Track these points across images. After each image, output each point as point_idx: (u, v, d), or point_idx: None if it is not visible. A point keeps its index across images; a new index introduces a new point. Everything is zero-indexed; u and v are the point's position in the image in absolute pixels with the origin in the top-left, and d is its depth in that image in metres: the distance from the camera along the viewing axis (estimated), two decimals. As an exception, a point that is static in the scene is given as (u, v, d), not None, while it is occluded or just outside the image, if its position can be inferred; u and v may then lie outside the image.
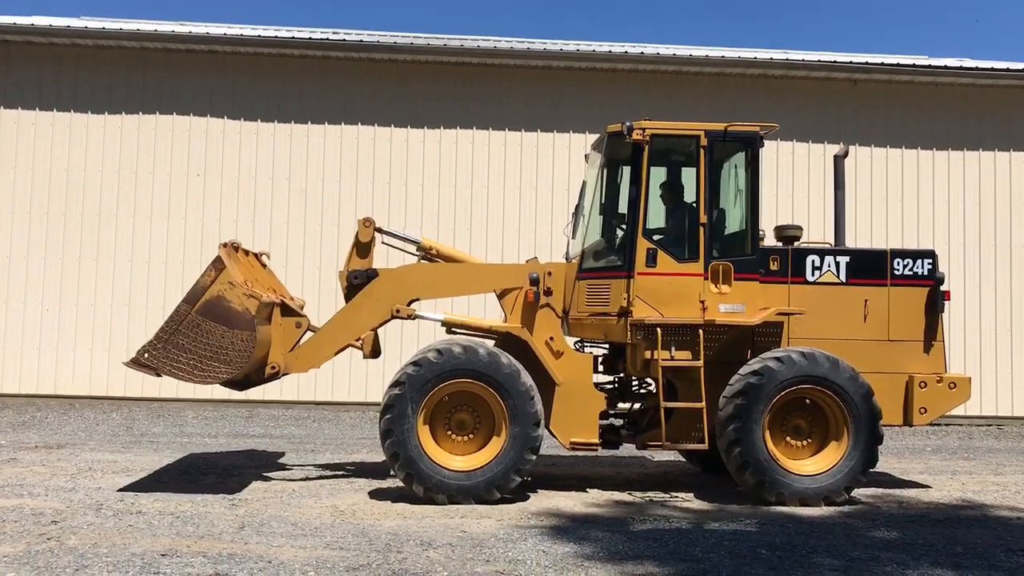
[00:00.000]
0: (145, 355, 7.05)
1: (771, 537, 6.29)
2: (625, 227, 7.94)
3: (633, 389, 8.58)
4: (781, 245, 8.19)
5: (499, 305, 8.19)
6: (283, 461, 9.29)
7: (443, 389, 7.28)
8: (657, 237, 7.91)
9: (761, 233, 8.03)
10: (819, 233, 11.96)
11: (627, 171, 8.06)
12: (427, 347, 7.53)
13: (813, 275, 7.93)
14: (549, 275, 7.98)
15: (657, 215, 8.22)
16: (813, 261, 7.95)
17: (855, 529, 6.64)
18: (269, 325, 7.45)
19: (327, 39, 14.52)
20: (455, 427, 7.45)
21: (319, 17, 47.98)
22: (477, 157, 14.44)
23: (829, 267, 7.95)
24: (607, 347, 8.44)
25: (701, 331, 7.63)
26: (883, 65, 14.65)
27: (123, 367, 13.57)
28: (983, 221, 14.71)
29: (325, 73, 14.39)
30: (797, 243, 8.24)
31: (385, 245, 8.47)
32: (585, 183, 8.68)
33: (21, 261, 13.94)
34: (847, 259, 7.99)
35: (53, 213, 14.01)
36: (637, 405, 8.55)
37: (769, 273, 7.87)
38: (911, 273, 8.01)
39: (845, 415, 7.41)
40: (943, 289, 8.03)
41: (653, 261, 7.68)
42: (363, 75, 14.43)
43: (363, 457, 9.69)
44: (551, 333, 7.88)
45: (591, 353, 8.24)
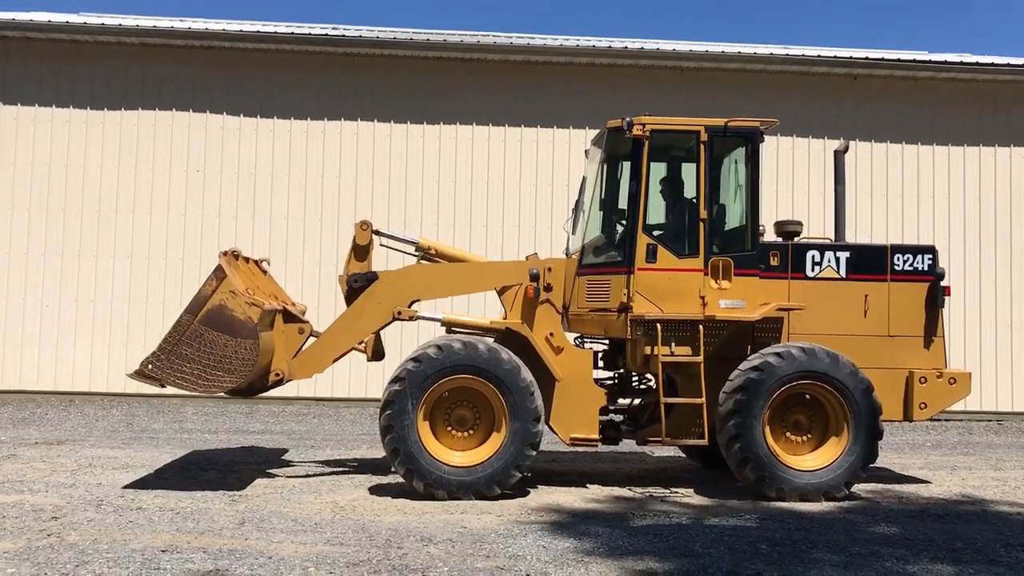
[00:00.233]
0: (149, 366, 7.07)
1: (771, 532, 6.30)
2: (625, 223, 7.94)
3: (633, 385, 8.58)
4: (781, 240, 8.18)
5: (499, 301, 8.19)
6: (283, 457, 9.29)
7: (443, 385, 7.28)
8: (657, 233, 7.90)
9: (761, 228, 8.03)
10: (819, 228, 11.95)
11: (627, 167, 8.04)
12: (427, 343, 7.53)
13: (813, 270, 7.93)
14: (549, 271, 7.98)
15: (657, 211, 8.21)
16: (813, 256, 7.95)
17: (855, 524, 6.65)
18: (272, 332, 7.45)
19: (327, 35, 14.50)
20: (455, 423, 7.45)
21: (319, 13, 47.96)
22: (477, 153, 14.43)
23: (829, 262, 7.94)
24: (607, 343, 8.44)
25: (701, 327, 7.63)
26: (883, 60, 14.63)
27: (123, 362, 13.74)
28: (983, 217, 14.71)
29: (325, 69, 14.37)
30: (797, 238, 8.23)
31: (384, 247, 8.48)
32: (585, 179, 8.67)
33: (21, 257, 13.93)
34: (847, 254, 7.99)
35: (52, 209, 14.01)
36: (637, 401, 8.55)
37: (769, 269, 7.86)
38: (911, 268, 8.00)
39: (845, 410, 7.41)
40: (943, 284, 8.03)
41: (653, 257, 7.67)
42: (364, 71, 14.41)
43: (363, 453, 9.69)
44: (551, 329, 7.88)
45: (591, 349, 8.23)
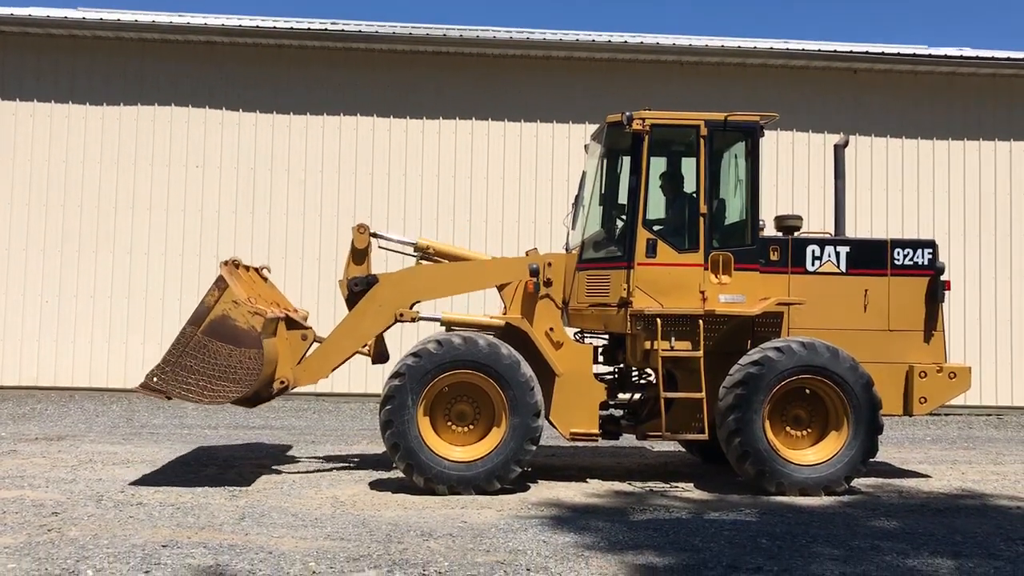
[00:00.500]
0: (154, 379, 7.09)
1: (771, 527, 6.30)
2: (625, 217, 7.93)
3: (633, 379, 8.58)
4: (781, 235, 8.17)
5: (499, 297, 8.19)
6: (284, 453, 9.30)
7: (443, 380, 7.28)
8: (657, 227, 7.90)
9: (761, 223, 8.02)
10: (819, 223, 11.96)
11: (627, 161, 8.03)
12: (427, 338, 7.53)
13: (813, 265, 7.92)
14: (549, 266, 7.97)
15: (657, 205, 8.21)
16: (813, 251, 7.94)
17: (855, 519, 6.65)
18: (275, 340, 7.46)
19: (325, 29, 14.46)
20: (455, 418, 7.45)
21: (318, 7, 47.85)
22: (476, 147, 14.42)
23: (829, 257, 7.94)
24: (607, 338, 8.43)
25: (701, 321, 7.62)
26: (883, 55, 14.60)
27: (123, 358, 13.76)
28: (983, 211, 14.70)
29: (324, 64, 14.35)
30: (797, 233, 8.21)
31: (382, 249, 8.48)
32: (585, 173, 8.66)
33: (20, 252, 13.93)
34: (847, 249, 7.98)
35: (52, 204, 14.00)
36: (637, 395, 8.55)
37: (769, 263, 7.85)
38: (911, 263, 7.99)
39: (845, 405, 7.41)
40: (943, 279, 8.02)
41: (653, 251, 7.66)
42: (362, 65, 14.39)
43: (363, 448, 9.70)
44: (551, 324, 7.87)
45: (591, 344, 8.23)
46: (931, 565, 5.40)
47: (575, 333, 8.41)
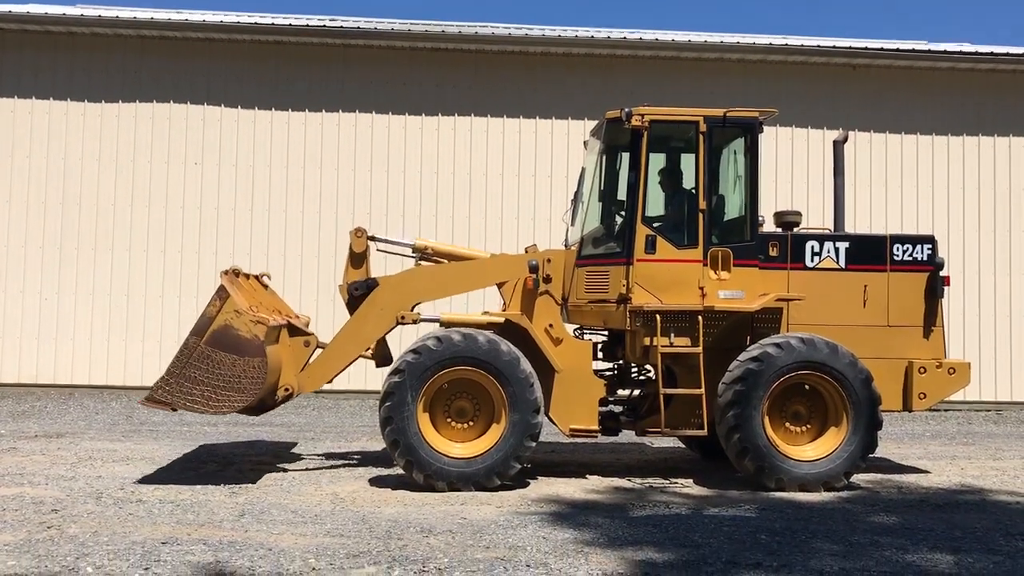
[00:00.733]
0: (159, 391, 7.09)
1: (771, 522, 6.31)
2: (624, 213, 7.92)
3: (632, 376, 8.58)
4: (780, 231, 8.17)
5: (499, 294, 8.19)
6: (283, 449, 9.30)
7: (443, 376, 7.28)
8: (656, 223, 7.89)
9: (760, 219, 8.01)
10: (818, 219, 11.94)
11: (626, 157, 8.03)
12: (427, 335, 7.53)
13: (812, 261, 7.92)
14: (548, 262, 7.96)
15: (656, 201, 8.20)
16: (812, 247, 7.94)
17: (854, 514, 6.66)
18: (278, 347, 7.47)
19: (324, 26, 14.46)
20: (455, 414, 7.45)
21: (317, 5, 47.80)
22: (476, 144, 14.41)
23: (828, 253, 7.93)
24: (606, 334, 8.43)
25: (700, 317, 7.63)
26: (882, 50, 14.60)
27: (123, 355, 13.76)
28: (983, 206, 14.70)
29: (322, 60, 14.34)
30: (796, 229, 8.22)
31: (380, 252, 8.48)
32: (584, 170, 8.66)
33: (19, 250, 13.92)
34: (846, 245, 7.98)
35: (50, 202, 13.99)
36: (636, 392, 8.55)
37: (768, 259, 7.85)
38: (911, 258, 7.99)
39: (844, 401, 7.41)
40: (943, 274, 8.02)
41: (652, 247, 7.66)
42: (361, 62, 14.38)
43: (363, 445, 9.70)
44: (550, 320, 7.87)
45: (590, 340, 8.23)
46: (930, 560, 5.41)
47: (575, 329, 8.40)
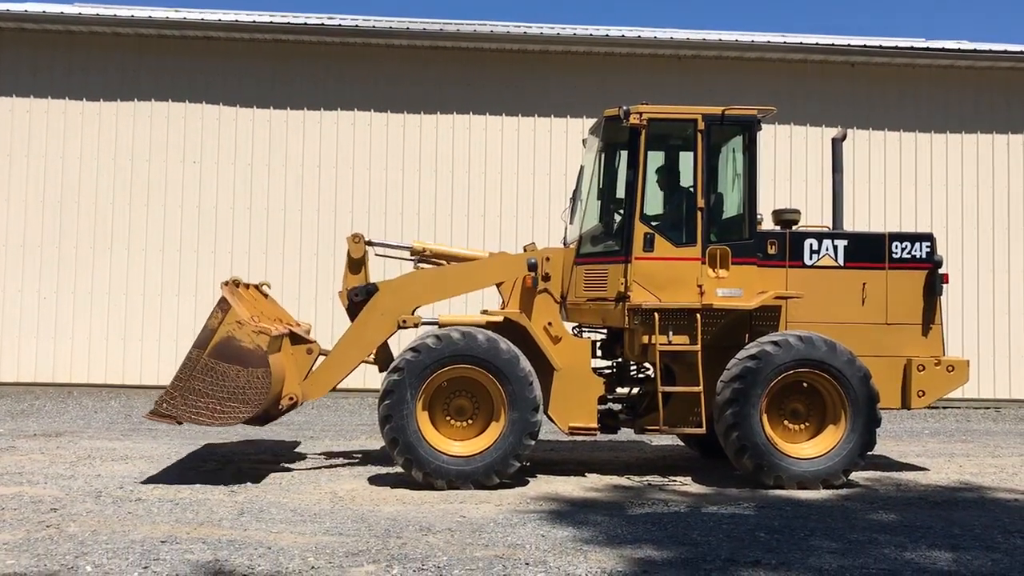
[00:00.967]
0: (164, 405, 7.09)
1: (769, 520, 6.31)
2: (623, 212, 7.92)
3: (631, 374, 8.58)
4: (779, 229, 8.17)
5: (498, 292, 8.19)
6: (282, 448, 9.30)
7: (442, 375, 7.28)
8: (655, 222, 7.89)
9: (759, 217, 8.02)
10: (817, 217, 11.95)
11: (624, 156, 8.03)
12: (426, 333, 7.53)
13: (811, 259, 7.92)
14: (547, 260, 7.97)
15: (655, 199, 8.20)
16: (811, 245, 7.94)
17: (853, 512, 6.66)
18: (281, 356, 7.46)
19: (322, 24, 14.45)
20: (454, 413, 7.45)
21: (317, 3, 47.72)
22: (474, 143, 14.40)
23: (827, 251, 7.94)
24: (605, 332, 8.43)
25: (699, 315, 7.63)
26: (881, 48, 14.59)
27: (121, 354, 13.76)
28: (981, 204, 14.71)
29: (320, 59, 14.33)
30: (795, 227, 8.23)
31: (379, 256, 8.47)
32: (583, 168, 8.65)
33: (17, 249, 13.91)
34: (845, 243, 7.98)
35: (49, 201, 13.98)
36: (635, 390, 8.56)
37: (767, 257, 7.85)
38: (909, 256, 7.99)
39: (843, 398, 7.42)
40: (941, 272, 8.03)
41: (651, 246, 7.66)
42: (359, 61, 14.37)
43: (362, 443, 9.71)
44: (549, 318, 7.87)
45: (589, 338, 8.23)
46: (929, 558, 5.42)
47: (573, 328, 8.41)
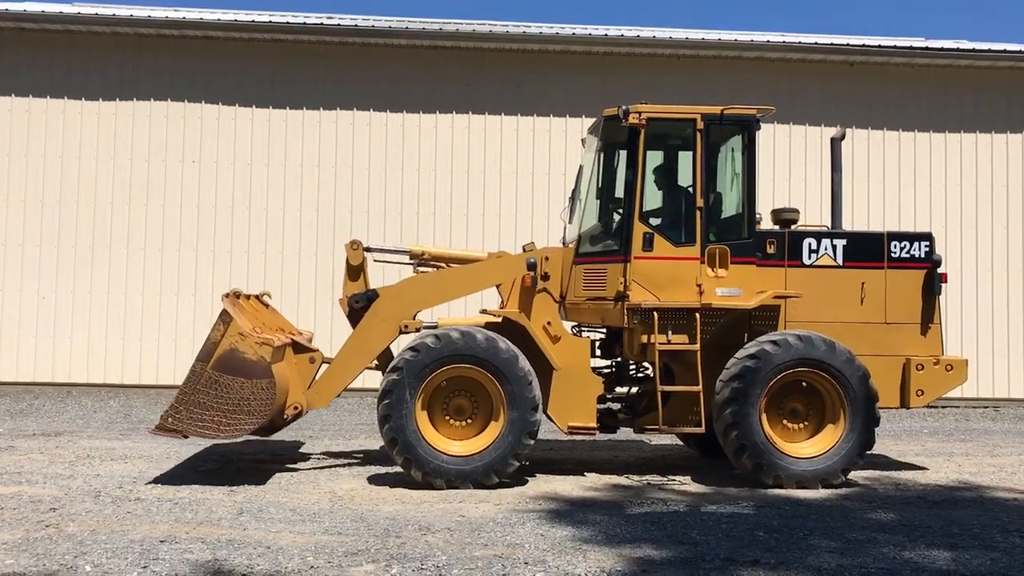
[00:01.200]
0: (169, 420, 7.08)
1: (768, 519, 6.32)
2: (622, 211, 7.93)
3: (630, 373, 8.58)
4: (778, 228, 8.17)
5: (497, 291, 8.19)
6: (281, 447, 9.29)
7: (441, 374, 7.28)
8: (654, 221, 7.90)
9: (758, 216, 8.02)
10: (816, 216, 11.95)
11: (623, 155, 8.03)
12: (425, 332, 7.53)
13: (810, 258, 7.92)
14: (546, 260, 7.97)
15: (653, 199, 8.20)
16: (810, 244, 7.94)
17: (852, 511, 6.67)
18: (284, 366, 7.46)
19: (321, 24, 14.44)
20: (453, 412, 7.45)
21: (316, 1, 47.69)
22: (473, 142, 14.40)
23: (826, 250, 7.94)
24: (604, 331, 8.44)
25: (698, 315, 7.63)
26: (880, 47, 14.59)
27: (120, 353, 13.75)
28: (980, 204, 14.71)
29: (320, 58, 14.32)
30: (794, 226, 8.23)
31: (377, 262, 8.47)
32: (582, 167, 8.66)
33: (16, 248, 13.90)
34: (844, 242, 7.98)
35: (48, 200, 13.97)
36: (634, 389, 8.56)
37: (766, 256, 7.86)
38: (908, 256, 7.99)
39: (842, 398, 7.42)
40: (940, 271, 8.03)
41: (650, 245, 7.66)
42: (358, 60, 14.36)
43: (361, 443, 9.71)
44: (548, 318, 7.88)
45: (588, 338, 8.23)
46: (928, 557, 5.42)
47: (572, 327, 8.41)
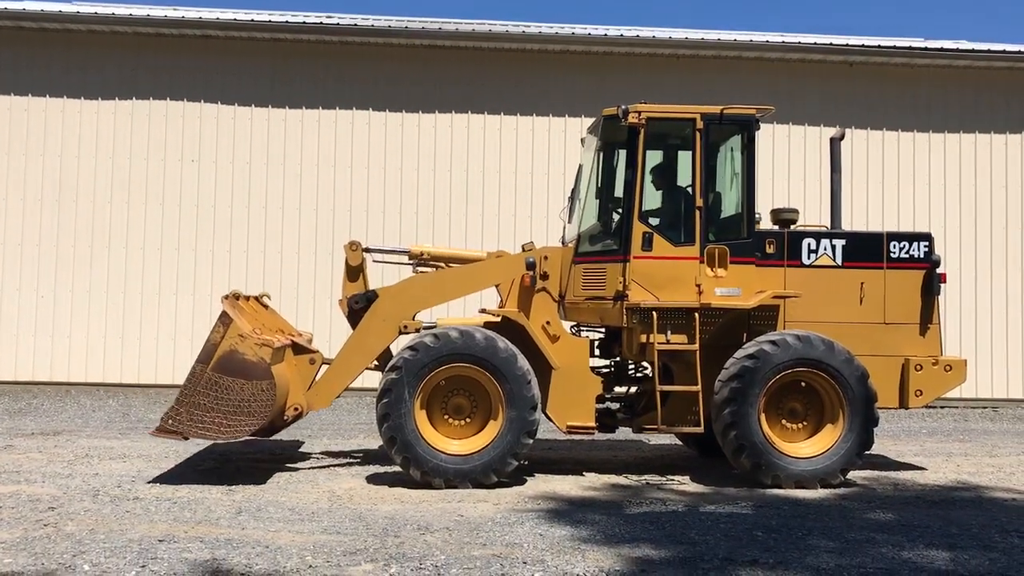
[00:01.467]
0: (170, 421, 7.08)
1: (767, 519, 6.32)
2: (621, 211, 7.92)
3: (629, 373, 8.58)
4: (777, 228, 8.18)
5: (496, 291, 8.19)
6: (280, 447, 9.29)
7: (440, 373, 7.28)
8: (653, 221, 7.90)
9: (757, 216, 8.02)
10: (815, 216, 11.96)
11: (623, 155, 8.03)
12: (424, 332, 7.53)
13: (809, 258, 7.92)
14: (545, 259, 7.97)
15: (653, 199, 8.20)
16: (809, 244, 7.94)
17: (851, 511, 6.67)
18: (284, 367, 7.46)
19: (321, 23, 14.44)
20: (452, 411, 7.45)
21: (316, 1, 47.66)
22: (472, 142, 14.40)
23: (825, 250, 7.94)
24: (603, 331, 8.43)
25: (697, 315, 7.63)
26: (879, 47, 14.60)
27: (119, 353, 13.75)
28: (979, 204, 14.72)
29: (319, 57, 14.32)
30: (793, 226, 8.23)
31: (377, 263, 8.46)
32: (581, 167, 8.66)
33: (15, 247, 13.90)
34: (843, 242, 7.98)
35: (47, 199, 13.96)
36: (633, 389, 8.55)
37: (765, 256, 7.86)
38: (907, 256, 8.00)
39: (841, 398, 7.42)
40: (939, 272, 8.04)
41: (649, 245, 7.66)
42: (358, 59, 14.36)
43: (360, 442, 9.71)
44: (547, 317, 7.87)
45: (587, 337, 8.23)
46: (926, 557, 5.42)
47: (572, 327, 8.41)
